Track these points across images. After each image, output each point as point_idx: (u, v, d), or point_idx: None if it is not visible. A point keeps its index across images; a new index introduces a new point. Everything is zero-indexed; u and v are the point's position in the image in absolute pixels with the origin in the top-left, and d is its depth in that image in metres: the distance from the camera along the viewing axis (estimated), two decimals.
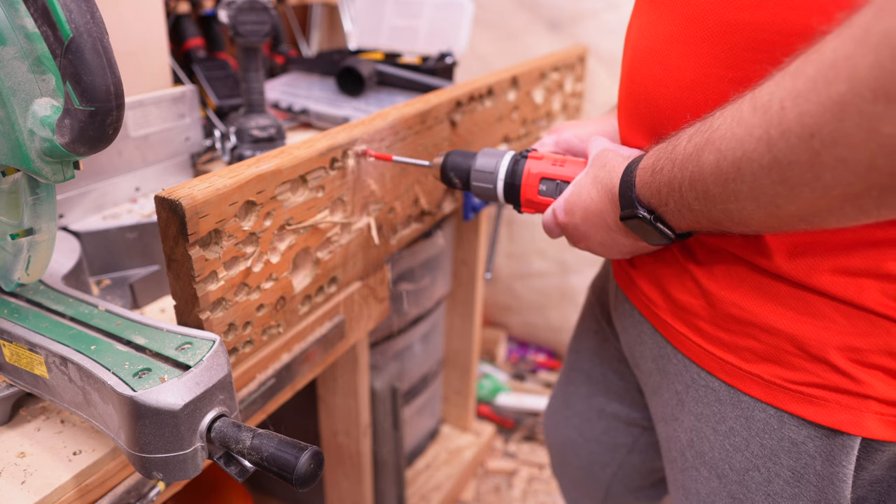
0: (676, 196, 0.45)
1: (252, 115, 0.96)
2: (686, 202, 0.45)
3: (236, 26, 0.88)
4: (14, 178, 0.52)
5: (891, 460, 0.49)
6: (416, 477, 1.44)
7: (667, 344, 0.58)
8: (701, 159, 0.42)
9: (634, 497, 0.88)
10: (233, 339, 0.64)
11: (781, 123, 0.35)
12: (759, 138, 0.37)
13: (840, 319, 0.46)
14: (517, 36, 1.65)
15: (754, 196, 0.39)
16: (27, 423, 0.57)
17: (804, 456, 0.50)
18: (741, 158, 0.38)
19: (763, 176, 0.37)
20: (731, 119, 0.39)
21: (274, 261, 0.66)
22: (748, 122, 0.38)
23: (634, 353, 0.66)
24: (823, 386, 0.48)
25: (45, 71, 0.46)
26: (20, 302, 0.59)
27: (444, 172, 0.70)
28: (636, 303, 0.62)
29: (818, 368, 0.47)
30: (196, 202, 0.54)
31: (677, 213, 0.47)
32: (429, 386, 1.41)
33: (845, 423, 0.47)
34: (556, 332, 1.96)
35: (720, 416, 0.54)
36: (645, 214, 0.49)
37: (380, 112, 0.80)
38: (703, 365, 0.54)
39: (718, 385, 0.53)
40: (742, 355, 0.51)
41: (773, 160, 0.36)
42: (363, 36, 1.44)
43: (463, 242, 1.33)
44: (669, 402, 0.60)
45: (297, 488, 0.45)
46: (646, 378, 0.65)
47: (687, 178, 0.43)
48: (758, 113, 0.37)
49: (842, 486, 0.49)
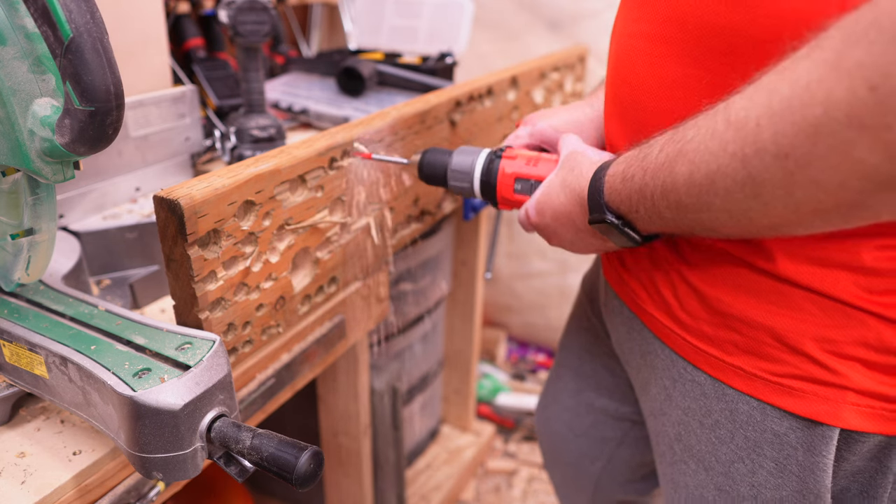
0: (648, 204, 0.46)
1: (252, 115, 0.96)
2: (657, 210, 0.45)
3: (236, 26, 0.89)
4: (14, 178, 0.52)
5: (871, 451, 0.49)
6: (416, 477, 1.44)
7: (655, 339, 0.59)
8: (674, 170, 0.42)
9: (624, 491, 0.88)
10: (232, 338, 0.64)
11: (756, 142, 0.36)
12: (733, 154, 0.38)
13: (816, 311, 0.46)
14: (517, 36, 1.65)
15: (727, 209, 0.40)
16: (27, 423, 0.58)
17: (786, 447, 0.50)
18: (715, 172, 0.39)
19: (737, 191, 0.38)
20: (705, 131, 0.40)
21: (273, 260, 0.66)
22: (722, 137, 0.38)
23: (624, 349, 0.67)
24: (802, 377, 0.48)
25: (45, 71, 0.46)
26: (20, 302, 0.59)
27: (421, 170, 0.71)
28: (625, 299, 0.63)
29: (796, 360, 0.48)
30: (195, 202, 0.54)
31: (647, 220, 0.48)
32: (429, 386, 1.41)
33: (823, 413, 0.48)
34: (556, 332, 1.96)
35: (706, 410, 0.55)
36: (613, 220, 0.50)
37: (380, 112, 0.80)
38: (689, 358, 0.55)
39: (704, 379, 0.54)
40: (724, 348, 0.52)
41: (748, 176, 0.37)
42: (363, 36, 1.44)
43: (463, 242, 1.33)
44: (658, 397, 0.61)
45: (297, 488, 0.45)
46: (635, 374, 0.66)
47: (659, 187, 0.44)
48: (732, 128, 0.38)
49: (822, 476, 0.49)
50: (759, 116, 0.36)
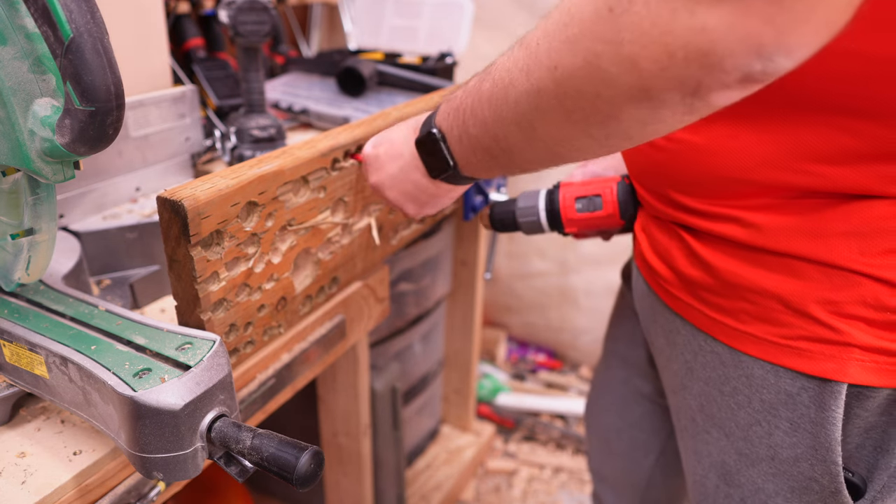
0: (460, 121, 0.53)
1: (252, 115, 0.96)
2: (466, 127, 0.52)
3: (236, 26, 0.88)
4: (14, 178, 0.52)
5: (881, 406, 0.52)
6: (416, 477, 1.44)
7: (676, 317, 0.62)
8: (481, 88, 0.50)
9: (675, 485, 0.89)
10: (234, 339, 0.64)
11: (537, 56, 0.43)
12: (521, 69, 0.45)
13: (818, 276, 0.50)
14: (517, 36, 1.65)
15: (516, 120, 0.47)
16: (27, 423, 0.57)
17: (799, 406, 0.53)
18: (508, 85, 0.46)
19: (523, 101, 0.45)
20: (506, 56, 0.48)
21: (275, 261, 0.66)
22: (516, 57, 0.46)
23: (650, 330, 0.70)
24: (809, 338, 0.51)
25: (45, 71, 0.46)
26: (20, 302, 0.59)
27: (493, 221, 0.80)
28: (651, 282, 0.66)
29: (803, 322, 0.51)
30: (198, 203, 0.54)
31: (458, 140, 0.54)
32: (429, 386, 1.41)
33: (831, 371, 0.51)
34: (556, 332, 1.96)
35: (725, 378, 0.58)
36: (434, 132, 0.56)
37: (381, 112, 0.80)
38: (708, 331, 0.58)
39: (721, 349, 0.57)
40: (738, 317, 0.55)
41: (531, 87, 0.44)
42: (363, 36, 1.44)
43: (463, 242, 1.33)
44: (679, 373, 0.64)
45: (298, 488, 0.45)
46: (658, 353, 0.69)
47: (469, 104, 0.51)
48: (522, 48, 0.45)
49: (832, 429, 0.52)
50: (539, 37, 0.43)
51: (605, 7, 0.36)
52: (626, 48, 0.36)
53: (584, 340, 1.92)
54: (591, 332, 1.89)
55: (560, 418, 1.77)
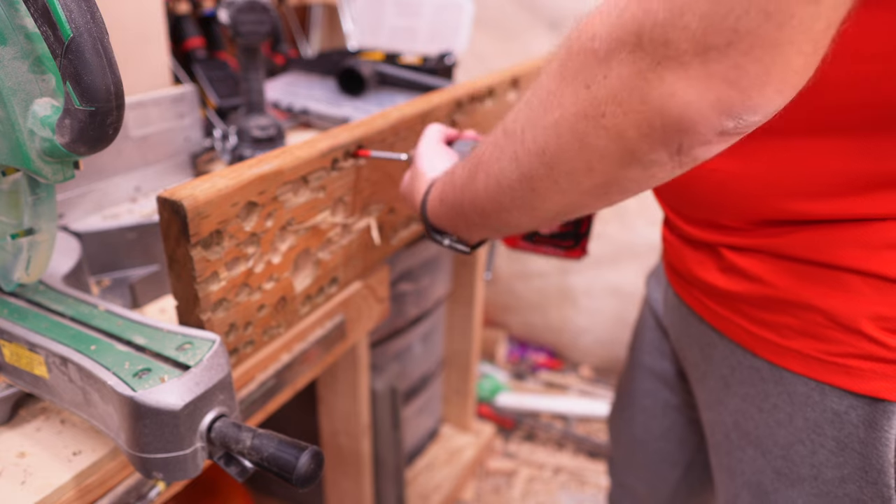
0: (462, 218, 0.55)
1: (252, 115, 0.96)
2: (471, 221, 0.54)
3: (236, 26, 0.88)
4: (14, 178, 0.52)
5: None
6: (416, 477, 1.44)
7: (713, 332, 0.61)
8: (475, 182, 0.51)
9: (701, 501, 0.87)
10: (234, 339, 0.64)
11: (524, 144, 0.44)
12: (510, 158, 0.46)
13: (869, 291, 0.48)
14: (517, 36, 1.65)
15: (516, 205, 0.48)
16: (27, 423, 0.57)
17: (847, 425, 0.51)
18: (499, 174, 0.47)
19: (517, 187, 0.46)
20: (492, 143, 0.48)
21: (275, 261, 0.66)
22: (502, 146, 0.47)
23: (682, 344, 0.68)
24: (859, 356, 0.49)
25: (45, 71, 0.46)
26: (20, 302, 0.59)
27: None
28: (685, 296, 0.65)
29: (852, 339, 0.49)
30: (198, 203, 0.54)
31: (466, 231, 0.57)
32: (429, 386, 1.41)
33: (884, 390, 0.49)
34: (556, 332, 1.96)
35: (764, 394, 0.56)
36: (439, 239, 0.59)
37: (381, 112, 0.80)
38: (747, 346, 0.57)
39: (761, 364, 0.56)
40: (781, 332, 0.53)
41: (522, 174, 0.45)
42: (363, 36, 1.44)
43: None
44: (715, 388, 0.62)
45: (298, 488, 0.45)
46: (692, 369, 0.67)
47: (468, 200, 0.52)
48: (507, 136, 0.46)
49: (885, 451, 0.50)
50: (524, 124, 0.44)
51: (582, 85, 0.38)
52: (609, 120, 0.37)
53: (584, 340, 1.92)
54: (591, 332, 1.89)
55: (560, 418, 1.77)
